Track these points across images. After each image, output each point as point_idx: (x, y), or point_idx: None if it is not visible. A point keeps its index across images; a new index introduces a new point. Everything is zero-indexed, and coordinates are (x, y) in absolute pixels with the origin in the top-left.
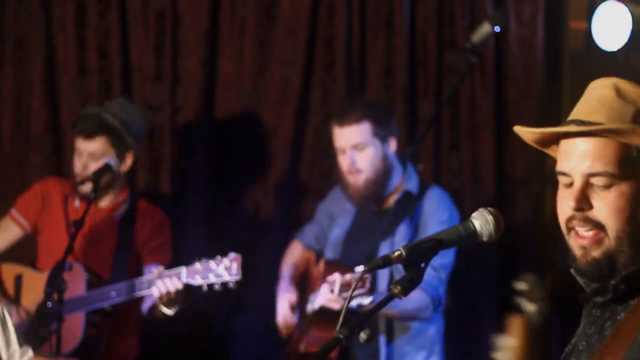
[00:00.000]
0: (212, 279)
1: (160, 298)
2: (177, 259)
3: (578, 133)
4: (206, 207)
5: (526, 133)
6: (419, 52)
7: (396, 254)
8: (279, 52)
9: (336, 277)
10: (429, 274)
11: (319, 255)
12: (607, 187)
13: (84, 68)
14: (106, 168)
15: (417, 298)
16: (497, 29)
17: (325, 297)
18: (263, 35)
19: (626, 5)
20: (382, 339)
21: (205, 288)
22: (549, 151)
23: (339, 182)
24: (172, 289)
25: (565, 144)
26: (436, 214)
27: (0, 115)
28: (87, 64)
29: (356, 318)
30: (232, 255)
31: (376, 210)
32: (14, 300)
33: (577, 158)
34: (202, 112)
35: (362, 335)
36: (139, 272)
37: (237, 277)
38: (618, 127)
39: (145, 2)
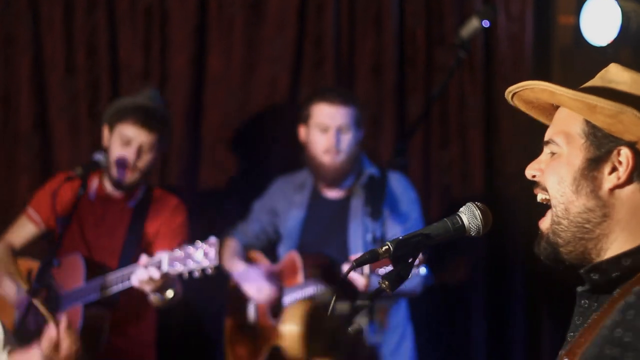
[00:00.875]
0: (192, 265)
1: (141, 286)
2: None
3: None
4: (196, 204)
5: (508, 94)
6: (408, 49)
7: (384, 248)
8: (267, 50)
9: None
10: None
11: (255, 250)
12: (553, 154)
13: (72, 66)
14: (94, 165)
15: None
16: (486, 24)
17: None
18: (252, 33)
19: (615, 0)
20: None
21: (185, 275)
22: None
23: (308, 161)
24: (145, 277)
25: None
26: (406, 194)
27: None
28: (75, 62)
29: (345, 311)
30: (211, 240)
31: (338, 197)
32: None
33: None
34: (190, 109)
35: (351, 328)
36: None
37: (215, 263)
38: (541, 83)
39: (133, 0)
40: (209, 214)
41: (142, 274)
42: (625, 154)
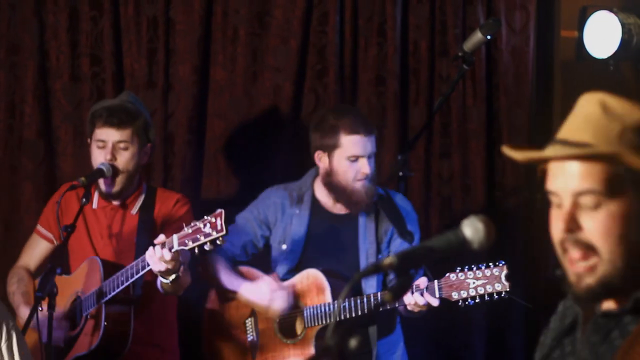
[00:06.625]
0: (202, 239)
1: (156, 269)
2: None
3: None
4: (198, 214)
5: (515, 155)
6: (411, 60)
7: (388, 261)
8: (271, 59)
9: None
10: None
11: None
12: (596, 207)
13: (76, 74)
14: (98, 173)
15: None
16: (489, 37)
17: None
18: (255, 43)
19: (616, 15)
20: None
21: (196, 251)
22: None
23: (333, 187)
24: (158, 257)
25: (554, 163)
26: (412, 214)
27: None
28: (80, 70)
29: (346, 324)
30: (217, 211)
31: (342, 212)
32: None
33: (565, 178)
34: (194, 118)
35: (352, 342)
36: None
37: (223, 232)
38: (603, 152)
39: (138, 9)
40: None
41: (154, 254)
42: None
